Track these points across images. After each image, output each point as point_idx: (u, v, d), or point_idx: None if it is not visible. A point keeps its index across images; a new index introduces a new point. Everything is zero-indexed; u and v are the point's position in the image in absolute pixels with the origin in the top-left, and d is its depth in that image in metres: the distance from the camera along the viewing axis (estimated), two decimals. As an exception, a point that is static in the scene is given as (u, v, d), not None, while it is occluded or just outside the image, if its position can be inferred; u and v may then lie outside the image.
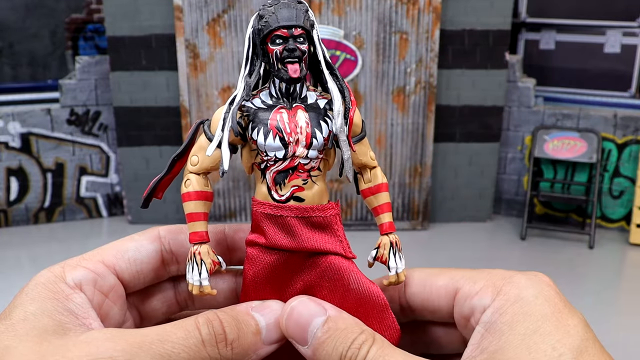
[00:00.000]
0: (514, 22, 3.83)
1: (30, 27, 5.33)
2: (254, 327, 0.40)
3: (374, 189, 0.47)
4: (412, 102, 3.56)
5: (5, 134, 3.64)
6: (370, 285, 0.43)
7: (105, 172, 3.90)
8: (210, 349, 0.37)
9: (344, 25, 3.42)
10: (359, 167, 0.48)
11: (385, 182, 0.48)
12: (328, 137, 0.44)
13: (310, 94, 0.46)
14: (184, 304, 0.48)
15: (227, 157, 0.43)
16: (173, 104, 3.57)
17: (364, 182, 0.48)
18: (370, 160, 0.47)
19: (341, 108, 0.44)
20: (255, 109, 0.45)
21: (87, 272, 0.40)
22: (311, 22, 0.45)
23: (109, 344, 0.34)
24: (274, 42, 0.44)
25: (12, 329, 0.35)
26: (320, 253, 0.44)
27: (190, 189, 0.44)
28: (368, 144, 0.48)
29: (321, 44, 0.46)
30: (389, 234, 0.47)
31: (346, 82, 0.45)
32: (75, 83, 3.70)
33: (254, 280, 0.44)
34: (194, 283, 0.43)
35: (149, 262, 0.44)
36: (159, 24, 3.44)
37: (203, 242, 0.44)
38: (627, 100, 3.84)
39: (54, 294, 0.38)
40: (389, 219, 0.47)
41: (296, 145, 0.44)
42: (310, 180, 0.44)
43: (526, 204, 3.65)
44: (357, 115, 0.46)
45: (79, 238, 3.65)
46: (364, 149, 0.47)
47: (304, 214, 0.44)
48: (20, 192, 3.75)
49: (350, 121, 0.44)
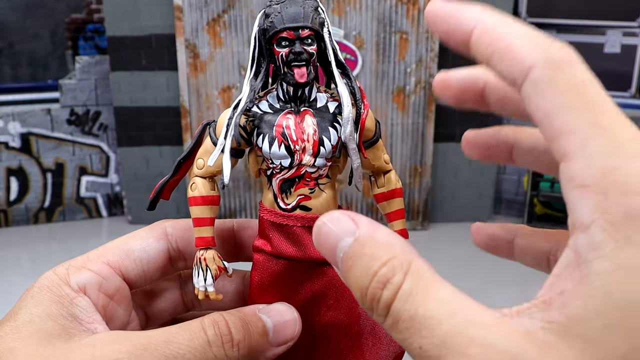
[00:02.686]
0: (514, 22, 3.82)
1: (30, 27, 5.32)
2: (260, 328, 0.39)
3: (387, 195, 0.45)
4: (412, 102, 3.55)
5: (5, 134, 3.64)
6: None
7: (105, 172, 3.90)
8: (216, 349, 0.36)
9: (344, 25, 3.42)
10: (373, 171, 0.45)
11: (400, 186, 0.45)
12: (337, 144, 0.42)
13: (320, 96, 0.43)
14: (190, 304, 0.47)
15: (228, 170, 0.41)
16: (173, 104, 3.57)
17: (377, 186, 0.45)
18: (384, 164, 0.45)
19: (351, 114, 0.41)
20: (262, 113, 0.42)
21: (91, 275, 0.40)
22: (321, 21, 0.42)
23: (114, 346, 0.34)
24: (279, 44, 0.41)
25: (17, 330, 0.35)
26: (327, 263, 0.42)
27: (196, 194, 0.43)
28: (383, 147, 0.45)
29: (333, 43, 0.43)
30: None
31: (359, 83, 0.43)
32: (75, 83, 3.70)
33: (260, 287, 0.43)
34: (199, 288, 0.42)
35: (156, 261, 0.43)
36: (159, 24, 3.44)
37: (209, 248, 0.43)
38: (627, 100, 3.84)
39: (58, 298, 0.38)
40: (402, 226, 0.45)
41: (303, 153, 0.41)
42: (317, 188, 0.42)
43: (526, 204, 3.65)
44: (370, 118, 0.43)
45: (79, 238, 3.65)
46: (377, 152, 0.44)
47: (310, 224, 0.41)
48: (20, 192, 3.75)
49: (362, 125, 0.42)
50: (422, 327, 0.25)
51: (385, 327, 0.27)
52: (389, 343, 0.42)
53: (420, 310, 0.25)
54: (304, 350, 0.44)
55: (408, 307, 0.25)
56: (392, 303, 0.26)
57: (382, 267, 0.27)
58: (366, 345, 0.43)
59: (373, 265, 0.27)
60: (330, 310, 0.43)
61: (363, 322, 0.42)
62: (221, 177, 0.42)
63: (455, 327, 0.24)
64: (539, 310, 0.24)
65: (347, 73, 0.43)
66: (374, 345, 0.43)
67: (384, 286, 0.26)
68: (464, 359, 0.23)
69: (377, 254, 0.27)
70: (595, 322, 0.22)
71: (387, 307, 0.26)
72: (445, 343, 0.24)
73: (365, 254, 0.28)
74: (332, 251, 0.29)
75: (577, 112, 0.24)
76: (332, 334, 0.44)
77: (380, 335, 0.42)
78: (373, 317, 0.27)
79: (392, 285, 0.26)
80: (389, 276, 0.26)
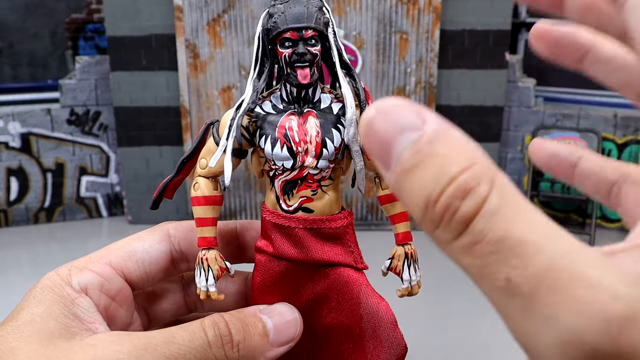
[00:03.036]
0: (514, 22, 3.82)
1: (30, 27, 5.32)
2: (261, 329, 0.39)
3: (391, 196, 0.45)
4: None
5: (5, 134, 3.64)
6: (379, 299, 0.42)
7: (105, 172, 3.90)
8: (216, 350, 0.36)
9: (344, 25, 3.42)
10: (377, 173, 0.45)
11: None
12: (340, 146, 0.41)
13: (324, 97, 0.43)
14: (192, 306, 0.47)
15: (229, 170, 0.41)
16: (173, 104, 3.57)
17: (382, 188, 0.45)
18: None
19: (354, 116, 0.41)
20: (264, 114, 0.42)
21: (93, 276, 0.40)
22: (325, 20, 0.42)
23: (115, 346, 0.35)
24: (282, 45, 0.41)
25: (18, 330, 0.35)
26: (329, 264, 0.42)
27: (199, 194, 0.43)
28: None
29: (337, 43, 0.42)
30: (404, 245, 0.44)
31: (364, 83, 0.42)
32: (75, 83, 3.70)
33: (262, 288, 0.43)
34: (201, 288, 0.42)
35: (158, 262, 0.44)
36: (159, 24, 3.44)
37: (211, 248, 0.43)
38: (627, 100, 3.83)
39: (60, 298, 0.38)
40: (406, 229, 0.44)
41: (305, 155, 0.41)
42: (320, 190, 0.42)
43: (526, 204, 3.65)
44: None
45: (79, 238, 3.65)
46: None
47: (312, 225, 0.42)
48: (20, 192, 3.75)
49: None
50: (512, 254, 0.20)
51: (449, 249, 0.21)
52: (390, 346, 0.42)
53: (512, 232, 0.20)
54: (306, 352, 0.44)
55: (496, 225, 0.20)
56: (474, 218, 0.20)
57: (464, 173, 0.21)
58: (367, 347, 0.43)
59: (450, 168, 0.21)
60: (332, 312, 0.43)
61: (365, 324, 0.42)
62: (222, 178, 0.42)
63: (557, 259, 0.20)
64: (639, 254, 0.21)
65: (352, 73, 0.42)
66: (375, 348, 0.43)
67: (465, 195, 0.20)
68: (569, 300, 0.19)
69: (455, 155, 0.21)
70: None
71: (466, 222, 0.20)
72: (544, 277, 0.19)
73: (437, 154, 0.21)
74: (385, 146, 0.22)
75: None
76: (334, 335, 0.44)
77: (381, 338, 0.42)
78: (434, 234, 0.22)
79: (477, 195, 0.20)
80: (473, 185, 0.20)
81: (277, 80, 0.44)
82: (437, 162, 0.21)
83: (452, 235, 0.21)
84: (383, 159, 0.23)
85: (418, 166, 0.21)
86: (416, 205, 0.22)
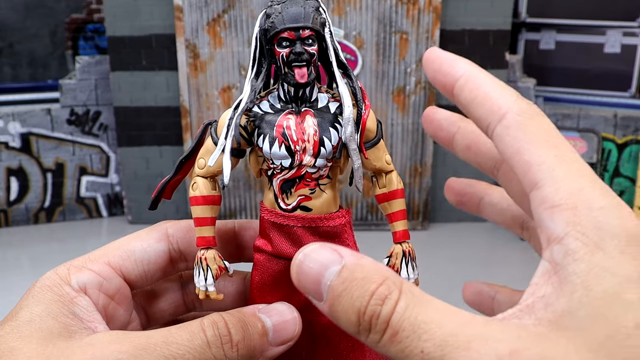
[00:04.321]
0: (514, 22, 3.82)
1: (30, 27, 5.32)
2: (260, 328, 0.39)
3: (388, 195, 0.45)
4: (412, 102, 3.56)
5: (5, 134, 3.64)
6: None
7: (105, 172, 3.90)
8: (215, 350, 0.36)
9: (344, 25, 3.42)
10: (374, 172, 0.45)
11: (401, 187, 0.45)
12: (337, 145, 0.42)
13: (321, 97, 0.43)
14: (191, 305, 0.48)
15: (228, 170, 0.41)
16: (173, 104, 3.57)
17: (379, 187, 0.45)
18: (385, 164, 0.45)
19: (351, 115, 0.41)
20: (262, 113, 0.43)
21: (92, 275, 0.40)
22: (322, 21, 0.42)
23: (114, 346, 0.35)
24: (280, 45, 0.41)
25: (18, 330, 0.35)
26: None
27: (197, 193, 0.43)
28: (384, 147, 0.45)
29: (334, 43, 0.43)
30: (402, 243, 0.45)
31: (360, 83, 0.43)
32: (75, 83, 3.70)
33: (260, 287, 0.43)
34: (200, 287, 0.42)
35: (156, 262, 0.44)
36: (159, 24, 3.44)
37: (210, 247, 0.43)
38: (627, 100, 3.84)
39: (59, 297, 0.38)
40: (403, 227, 0.45)
41: (303, 154, 0.41)
42: (318, 189, 0.43)
43: (526, 204, 3.65)
44: (371, 119, 0.43)
45: (79, 238, 3.65)
46: (379, 153, 0.44)
47: (310, 224, 0.42)
48: (20, 192, 3.75)
49: (363, 126, 0.42)
50: (422, 332, 0.26)
51: (381, 345, 0.28)
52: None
53: (420, 317, 0.27)
54: (304, 351, 0.44)
55: (408, 315, 0.27)
56: (391, 315, 0.27)
57: (379, 287, 0.28)
58: (366, 346, 0.43)
59: (369, 286, 0.28)
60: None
61: None
62: (221, 177, 0.42)
63: (454, 327, 0.26)
64: (525, 313, 0.27)
65: (348, 73, 0.43)
66: None
67: (383, 302, 0.28)
68: (467, 352, 0.25)
69: (370, 277, 0.29)
70: (580, 312, 0.25)
71: (387, 321, 0.27)
72: (447, 342, 0.26)
73: (356, 279, 0.29)
74: (316, 282, 0.30)
75: (544, 148, 0.29)
76: (332, 334, 0.44)
77: None
78: (368, 339, 0.28)
79: (391, 300, 0.28)
80: (386, 293, 0.28)
81: (274, 80, 0.45)
82: (359, 285, 0.29)
83: (379, 334, 0.28)
84: (316, 293, 0.30)
85: (346, 289, 0.29)
86: (350, 320, 0.29)
